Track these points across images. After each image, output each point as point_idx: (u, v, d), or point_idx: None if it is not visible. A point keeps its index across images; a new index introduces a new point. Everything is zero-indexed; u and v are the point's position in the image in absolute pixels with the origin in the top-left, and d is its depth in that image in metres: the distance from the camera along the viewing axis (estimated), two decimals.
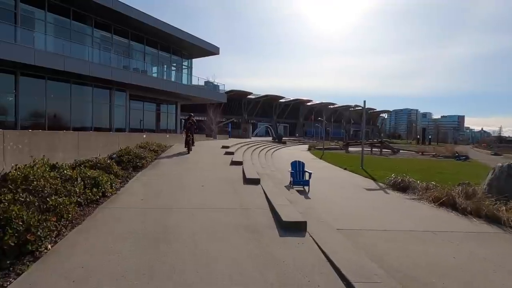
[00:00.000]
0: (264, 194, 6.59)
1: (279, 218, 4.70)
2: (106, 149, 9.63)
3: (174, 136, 19.66)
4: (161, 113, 27.77)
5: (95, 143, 9.82)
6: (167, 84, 24.05)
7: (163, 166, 9.79)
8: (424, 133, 67.88)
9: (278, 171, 12.62)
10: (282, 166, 15.07)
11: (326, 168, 15.66)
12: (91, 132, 14.07)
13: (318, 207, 6.87)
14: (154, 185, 7.02)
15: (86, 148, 9.06)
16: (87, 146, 9.18)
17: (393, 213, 7.08)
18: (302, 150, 29.94)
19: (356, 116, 78.98)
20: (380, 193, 9.49)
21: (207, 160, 11.64)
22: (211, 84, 28.21)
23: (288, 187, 9.00)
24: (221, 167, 10.10)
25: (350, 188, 10.09)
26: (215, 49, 27.77)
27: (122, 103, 22.49)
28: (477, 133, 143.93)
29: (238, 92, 55.48)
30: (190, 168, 9.60)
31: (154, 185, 7.06)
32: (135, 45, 23.56)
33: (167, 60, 26.51)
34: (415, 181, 10.16)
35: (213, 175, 8.58)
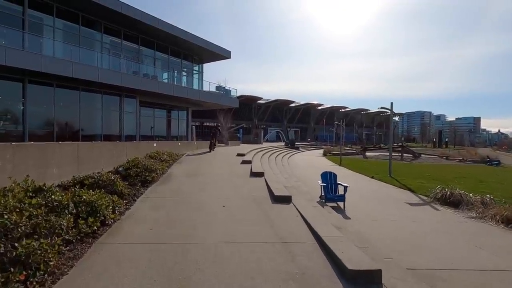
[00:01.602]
0: (301, 217, 5.25)
1: (339, 263, 3.35)
2: (112, 161, 8.49)
3: (186, 144, 18.54)
4: (172, 119, 26.75)
5: (98, 154, 8.66)
6: (178, 89, 23.04)
7: (175, 180, 8.56)
8: (441, 136, 65.21)
9: (301, 182, 11.25)
10: (303, 175, 13.70)
11: (351, 177, 14.18)
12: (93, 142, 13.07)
13: (368, 233, 5.48)
14: (166, 207, 5.77)
15: (88, 161, 7.91)
16: (89, 159, 8.03)
17: (461, 240, 5.62)
18: (317, 156, 28.47)
19: (368, 120, 76.80)
20: (429, 210, 8.01)
21: (224, 171, 10.37)
22: (223, 88, 27.12)
23: (321, 203, 7.63)
24: (241, 180, 8.81)
25: (389, 203, 8.64)
26: (227, 53, 26.74)
27: (132, 109, 21.54)
28: (494, 135, 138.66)
29: (248, 97, 54.43)
30: (207, 183, 8.33)
31: (165, 206, 5.81)
32: (145, 51, 22.69)
33: (178, 65, 25.57)
34: (467, 194, 8.65)
35: (234, 192, 7.29)
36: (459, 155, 28.27)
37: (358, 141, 60.28)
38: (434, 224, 6.56)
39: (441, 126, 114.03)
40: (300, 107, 62.78)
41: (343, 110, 68.50)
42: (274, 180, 8.57)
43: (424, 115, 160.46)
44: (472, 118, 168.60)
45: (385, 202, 8.80)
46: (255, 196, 6.79)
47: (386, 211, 7.71)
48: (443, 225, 6.54)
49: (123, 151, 9.64)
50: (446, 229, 6.22)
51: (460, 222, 6.87)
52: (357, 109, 71.18)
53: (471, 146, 75.32)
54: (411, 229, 6.11)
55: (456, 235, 5.88)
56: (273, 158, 19.49)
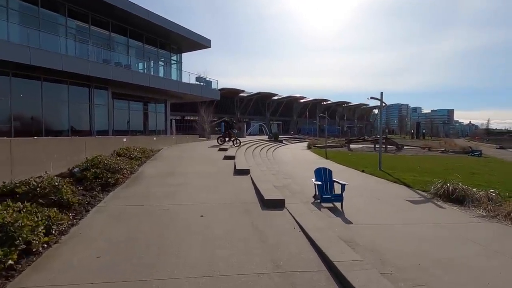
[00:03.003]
0: (300, 228, 4.16)
1: None
2: (66, 161, 7.01)
3: (164, 139, 17.01)
4: (149, 112, 24.94)
5: (44, 153, 7.10)
6: (155, 80, 21.28)
7: (146, 181, 7.22)
8: (418, 128, 66.68)
9: (291, 179, 10.16)
10: (291, 170, 12.63)
11: (340, 171, 13.29)
12: (36, 138, 11.08)
13: (385, 248, 4.45)
14: (126, 220, 4.48)
15: (29, 162, 6.39)
16: (30, 159, 6.51)
17: (489, 251, 4.72)
18: (302, 149, 27.61)
19: (349, 112, 77.29)
20: (434, 209, 7.15)
21: (204, 168, 9.10)
22: (203, 80, 25.53)
23: (316, 204, 6.57)
24: (223, 180, 7.59)
25: (389, 201, 7.72)
26: (206, 42, 25.11)
27: (104, 102, 19.63)
28: (466, 127, 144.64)
29: (230, 90, 52.85)
30: (183, 184, 7.05)
31: (126, 219, 4.52)
32: (117, 38, 20.71)
33: (154, 55, 23.71)
34: (469, 189, 7.90)
35: (215, 195, 6.07)
36: (440, 146, 28.36)
37: (340, 133, 60.37)
38: (452, 229, 5.63)
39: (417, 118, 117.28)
40: (283, 100, 61.92)
41: (325, 103, 68.36)
42: (261, 179, 7.42)
43: (402, 108, 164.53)
44: (446, 110, 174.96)
45: (384, 199, 7.89)
46: (241, 200, 5.61)
47: (389, 211, 6.77)
48: (459, 230, 5.63)
49: (81, 148, 8.13)
50: (469, 236, 5.30)
51: (474, 225, 6.01)
52: (338, 102, 71.29)
53: (445, 137, 77.73)
54: (432, 237, 5.12)
55: (484, 243, 4.98)
56: (258, 152, 18.35)
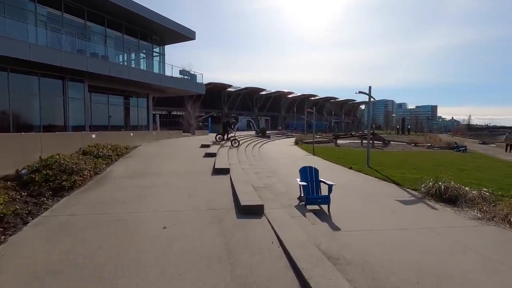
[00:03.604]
0: (279, 243, 3.47)
1: None
2: (13, 161, 6.08)
3: (142, 135, 16.02)
4: (131, 107, 23.71)
5: None
6: (135, 73, 20.10)
7: (111, 183, 6.39)
8: (404, 123, 67.44)
9: (275, 177, 9.50)
10: (276, 167, 12.00)
11: (328, 168, 12.76)
12: None
13: (379, 262, 3.84)
14: (68, 237, 3.68)
15: None
16: None
17: (492, 262, 4.18)
18: (289, 145, 27.07)
19: (336, 108, 77.42)
20: (426, 210, 6.63)
21: (181, 167, 8.32)
22: (188, 73, 24.46)
23: (301, 208, 5.92)
24: (199, 181, 6.84)
25: (379, 201, 7.18)
26: (191, 34, 24.01)
27: (80, 95, 18.38)
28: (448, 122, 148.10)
29: (218, 85, 51.74)
30: (153, 186, 6.27)
31: (68, 235, 3.72)
32: (93, 27, 19.39)
33: (135, 46, 22.46)
34: (461, 188, 7.44)
35: (187, 200, 5.32)
36: (426, 142, 28.39)
37: (328, 129, 60.33)
38: (448, 234, 5.08)
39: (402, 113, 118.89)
40: (271, 95, 61.22)
41: (313, 99, 68.12)
42: (242, 180, 6.71)
43: (388, 104, 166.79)
44: (430, 106, 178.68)
45: (373, 199, 7.34)
46: (215, 206, 4.89)
47: (379, 213, 6.21)
48: (457, 234, 5.10)
49: (35, 146, 7.18)
50: (467, 243, 4.77)
51: (471, 227, 5.51)
52: (326, 97, 71.17)
53: (429, 132, 79.12)
54: (428, 246, 4.55)
55: (485, 252, 4.45)
56: (243, 148, 17.62)
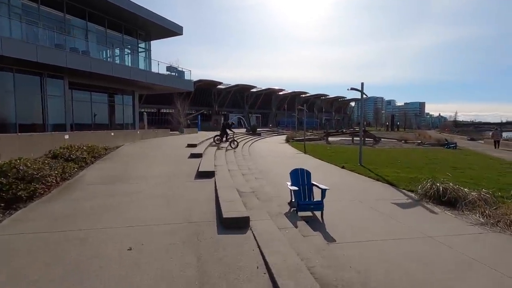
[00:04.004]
0: (267, 271, 2.88)
1: None
2: None
3: (125, 134, 15.19)
4: (116, 105, 22.72)
5: None
6: (119, 69, 19.14)
7: (79, 191, 5.68)
8: (393, 120, 67.92)
9: (264, 179, 8.93)
10: (266, 167, 11.42)
11: (319, 168, 12.27)
12: None
13: (371, 278, 3.31)
14: (10, 263, 3.00)
15: None
16: None
17: (505, 279, 3.70)
18: (280, 143, 26.56)
19: (327, 105, 77.39)
20: (425, 214, 6.16)
21: (162, 171, 7.64)
22: (175, 69, 23.58)
23: (291, 216, 5.35)
24: (180, 186, 6.20)
25: (375, 206, 6.66)
26: (178, 29, 23.11)
27: (59, 93, 17.36)
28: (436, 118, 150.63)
29: (208, 82, 50.79)
30: (126, 194, 5.59)
31: (10, 260, 3.04)
32: (73, 20, 18.33)
33: (119, 41, 21.44)
34: (461, 189, 7.02)
35: (163, 211, 4.67)
36: (416, 138, 28.32)
37: (319, 126, 60.14)
38: (453, 244, 4.58)
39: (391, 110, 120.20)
40: (262, 92, 60.59)
41: (304, 96, 67.82)
42: (227, 184, 6.09)
43: (377, 101, 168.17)
44: (418, 103, 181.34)
45: (369, 203, 6.84)
46: (193, 218, 4.27)
47: (376, 219, 5.70)
48: (462, 244, 4.62)
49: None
50: (475, 255, 4.29)
51: (476, 234, 5.04)
52: (316, 94, 70.97)
53: (418, 129, 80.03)
54: (433, 260, 4.03)
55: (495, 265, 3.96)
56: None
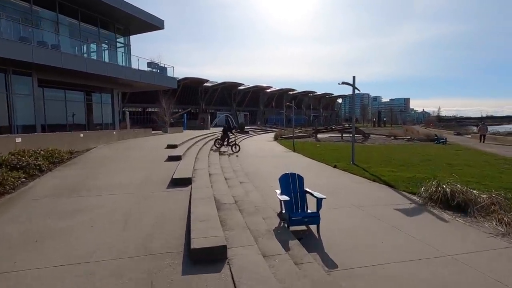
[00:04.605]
0: None
1: None
2: None
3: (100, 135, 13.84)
4: (94, 104, 21.18)
5: None
6: (94, 65, 17.68)
7: (15, 209, 4.51)
8: (380, 116, 68.18)
9: (250, 182, 7.93)
10: (253, 169, 10.41)
11: (310, 168, 11.38)
12: None
13: None
14: None
15: None
16: None
17: None
18: (268, 141, 25.62)
19: (315, 102, 77.03)
20: (434, 223, 5.30)
21: (131, 178, 6.52)
22: (157, 66, 22.20)
23: (282, 234, 4.36)
24: (148, 199, 5.11)
25: (376, 213, 5.77)
26: (158, 22, 21.72)
27: (28, 91, 15.82)
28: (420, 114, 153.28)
29: (194, 80, 49.27)
30: (79, 211, 4.47)
31: None
32: (41, 12, 16.74)
33: (94, 35, 19.90)
34: (469, 191, 6.22)
35: (115, 239, 3.57)
36: (404, 134, 27.96)
37: (307, 123, 59.62)
38: (479, 265, 3.71)
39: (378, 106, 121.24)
40: (249, 89, 59.47)
41: (292, 93, 67.14)
42: (204, 194, 5.04)
43: (363, 97, 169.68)
44: (403, 99, 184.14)
45: (369, 210, 5.94)
46: (154, 247, 3.21)
47: (380, 231, 4.79)
48: (491, 265, 3.75)
49: None
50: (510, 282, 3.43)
51: (501, 249, 4.20)
52: (304, 91, 70.41)
53: (403, 124, 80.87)
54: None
55: None
56: None
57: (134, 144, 13.16)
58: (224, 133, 15.77)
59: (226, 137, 15.56)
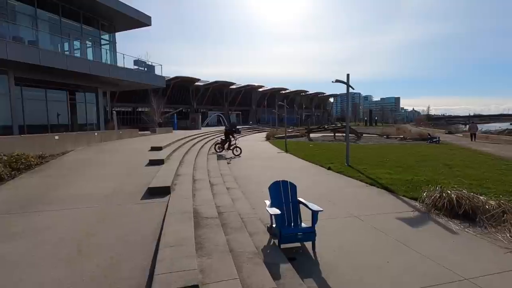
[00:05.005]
0: None
1: None
2: None
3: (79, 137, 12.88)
4: (78, 103, 20.15)
5: None
6: (76, 62, 16.70)
7: None
8: (371, 115, 68.26)
9: (239, 188, 7.26)
10: (242, 173, 9.70)
11: (303, 170, 10.76)
12: None
13: None
14: None
15: None
16: None
17: None
18: (260, 141, 24.98)
19: (307, 101, 76.75)
20: (442, 235, 4.72)
21: (101, 187, 5.76)
22: (144, 64, 21.27)
23: (271, 255, 3.70)
24: (114, 215, 4.38)
25: (377, 223, 5.15)
26: (145, 19, 20.79)
27: (3, 90, 14.79)
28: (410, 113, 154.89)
29: (185, 79, 48.21)
30: (24, 233, 3.72)
31: None
32: (18, 6, 15.68)
33: (77, 32, 18.87)
34: (476, 197, 5.68)
35: (64, 271, 2.85)
36: (397, 133, 27.69)
37: (299, 122, 59.21)
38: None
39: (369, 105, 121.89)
40: (241, 89, 58.69)
41: (284, 92, 66.59)
42: (183, 207, 4.34)
43: (355, 96, 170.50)
44: (393, 98, 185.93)
45: (369, 220, 5.33)
46: (108, 286, 2.51)
47: (387, 248, 4.18)
48: None
49: None
50: None
51: None
52: (296, 90, 69.98)
53: (394, 123, 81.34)
54: None
55: None
56: (207, 148, 15.16)
57: (117, 146, 12.31)
58: (225, 137, 14.54)
59: (228, 140, 14.35)
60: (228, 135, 14.52)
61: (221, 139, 14.79)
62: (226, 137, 14.55)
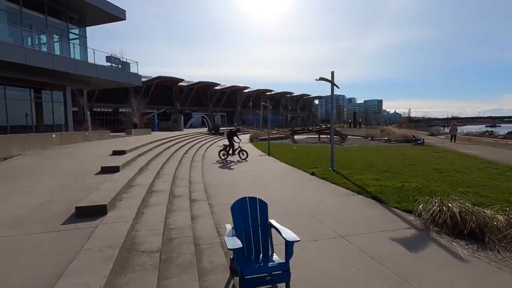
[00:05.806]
0: None
1: None
2: None
3: (28, 139, 11.23)
4: (44, 102, 18.35)
5: None
6: (37, 56, 15.01)
7: None
8: (355, 117, 68.55)
9: (206, 201, 6.09)
10: (216, 179, 8.48)
11: (284, 176, 9.72)
12: None
13: None
14: None
15: None
16: None
17: None
18: (243, 143, 23.83)
19: (292, 103, 76.38)
20: (449, 264, 3.74)
21: (20, 206, 4.48)
22: (117, 60, 19.68)
23: None
24: (14, 251, 3.12)
25: (369, 247, 4.13)
26: (119, 12, 19.25)
27: None
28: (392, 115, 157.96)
29: (168, 79, 46.55)
30: None
31: None
32: None
33: (41, 24, 17.15)
34: (481, 211, 4.79)
35: None
36: (381, 135, 27.27)
37: (285, 124, 58.55)
38: None
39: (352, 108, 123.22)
40: (226, 90, 57.48)
41: (269, 94, 65.88)
42: (110, 237, 3.15)
43: (339, 98, 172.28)
44: (376, 100, 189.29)
45: (358, 242, 4.30)
46: None
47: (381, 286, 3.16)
48: None
49: None
50: None
51: None
52: (282, 92, 69.44)
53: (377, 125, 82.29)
54: None
55: None
56: (183, 151, 13.89)
57: (75, 150, 10.85)
58: (228, 141, 13.37)
59: (231, 145, 13.27)
60: (230, 138, 13.40)
61: (224, 145, 13.70)
62: (229, 141, 13.40)
